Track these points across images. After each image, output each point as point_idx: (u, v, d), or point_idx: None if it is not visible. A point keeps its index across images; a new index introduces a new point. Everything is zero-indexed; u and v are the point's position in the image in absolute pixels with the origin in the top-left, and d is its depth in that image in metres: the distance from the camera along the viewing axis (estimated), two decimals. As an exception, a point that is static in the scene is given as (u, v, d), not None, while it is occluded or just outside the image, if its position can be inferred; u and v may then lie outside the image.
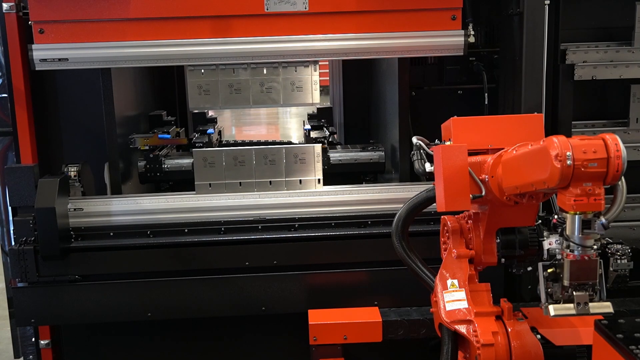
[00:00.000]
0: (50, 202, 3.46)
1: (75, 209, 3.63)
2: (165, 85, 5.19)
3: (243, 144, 4.87)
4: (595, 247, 2.31)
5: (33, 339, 3.96)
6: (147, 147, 4.10)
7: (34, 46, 3.49)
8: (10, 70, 3.57)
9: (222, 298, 3.68)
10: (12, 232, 3.83)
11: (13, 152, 3.78)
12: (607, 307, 2.34)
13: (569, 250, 2.32)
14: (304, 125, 4.82)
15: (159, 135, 4.20)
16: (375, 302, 3.64)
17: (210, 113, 5.59)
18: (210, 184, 3.74)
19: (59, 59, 3.51)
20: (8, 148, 4.11)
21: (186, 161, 4.11)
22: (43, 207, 3.46)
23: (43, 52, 3.49)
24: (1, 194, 4.23)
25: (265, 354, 3.97)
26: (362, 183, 4.19)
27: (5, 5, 3.48)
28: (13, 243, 3.66)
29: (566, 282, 2.33)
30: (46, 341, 3.82)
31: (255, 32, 3.54)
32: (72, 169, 3.71)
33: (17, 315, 3.71)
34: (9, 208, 3.77)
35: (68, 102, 3.95)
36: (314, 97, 3.74)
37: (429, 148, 2.81)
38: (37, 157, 3.68)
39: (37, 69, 3.52)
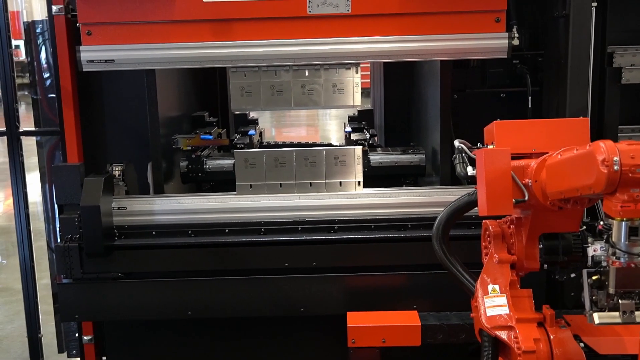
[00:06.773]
0: (95, 200, 3.51)
1: (119, 208, 3.68)
2: (208, 86, 5.25)
3: (284, 145, 4.89)
4: (642, 254, 2.26)
5: (76, 335, 4.04)
6: (189, 148, 4.15)
7: (81, 47, 3.56)
8: (58, 70, 3.66)
9: (261, 298, 3.69)
10: (58, 229, 3.91)
11: (60, 151, 3.86)
12: (653, 316, 2.30)
13: (614, 257, 2.28)
14: (344, 128, 4.82)
15: (201, 136, 4.24)
16: (415, 306, 3.61)
17: (252, 114, 5.64)
18: (250, 184, 3.76)
19: (106, 60, 3.58)
20: (55, 147, 4.21)
21: (227, 162, 4.14)
22: (88, 205, 3.51)
23: (90, 54, 3.57)
24: (48, 191, 4.33)
25: (302, 355, 3.97)
26: (402, 186, 4.17)
27: (54, 8, 3.56)
28: (59, 240, 3.74)
29: (612, 290, 2.30)
30: (89, 337, 3.90)
31: (298, 34, 3.55)
32: (117, 169, 3.77)
33: (61, 311, 3.79)
34: (56, 206, 3.85)
35: (113, 103, 4.02)
36: (355, 99, 3.73)
37: (471, 151, 2.79)
38: (82, 156, 3.76)
39: (84, 69, 3.59)
